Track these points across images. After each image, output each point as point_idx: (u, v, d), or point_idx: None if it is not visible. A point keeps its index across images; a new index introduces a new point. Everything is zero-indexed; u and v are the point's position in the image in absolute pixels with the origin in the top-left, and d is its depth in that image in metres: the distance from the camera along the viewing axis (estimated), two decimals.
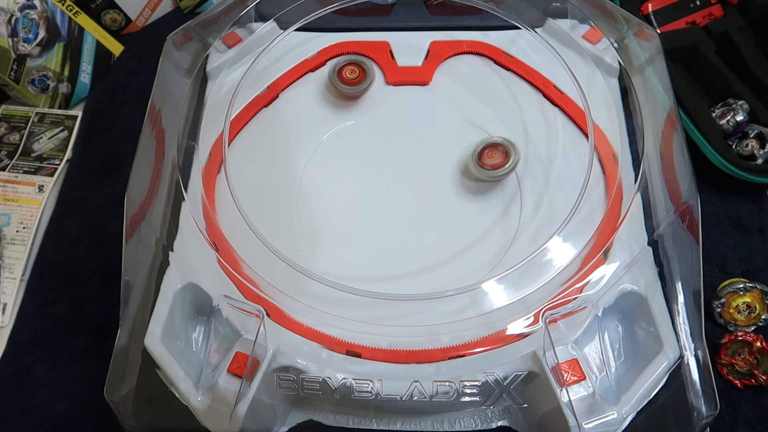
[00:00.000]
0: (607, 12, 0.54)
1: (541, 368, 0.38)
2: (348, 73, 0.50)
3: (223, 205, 0.47)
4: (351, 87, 0.50)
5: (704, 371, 0.40)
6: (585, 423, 0.37)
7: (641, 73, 0.51)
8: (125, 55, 0.72)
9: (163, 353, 0.40)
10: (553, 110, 0.51)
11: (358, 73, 0.50)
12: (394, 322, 0.41)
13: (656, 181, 0.46)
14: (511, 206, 0.47)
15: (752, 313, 0.52)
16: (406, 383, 0.39)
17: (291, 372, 0.39)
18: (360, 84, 0.50)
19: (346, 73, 0.50)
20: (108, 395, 0.41)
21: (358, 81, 0.50)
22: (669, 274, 0.42)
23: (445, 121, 0.52)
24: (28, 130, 0.67)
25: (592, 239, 0.43)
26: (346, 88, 0.50)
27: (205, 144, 0.50)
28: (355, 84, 0.50)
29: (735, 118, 0.56)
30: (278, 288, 0.42)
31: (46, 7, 0.64)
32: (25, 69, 0.64)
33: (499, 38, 0.55)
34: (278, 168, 0.50)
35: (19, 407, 0.52)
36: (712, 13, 0.65)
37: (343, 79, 0.50)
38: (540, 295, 0.41)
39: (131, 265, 0.44)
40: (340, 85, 0.50)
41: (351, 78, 0.50)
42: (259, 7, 0.55)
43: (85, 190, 0.63)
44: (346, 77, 0.50)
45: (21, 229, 0.60)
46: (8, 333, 0.56)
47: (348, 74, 0.50)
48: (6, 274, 0.58)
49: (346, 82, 0.50)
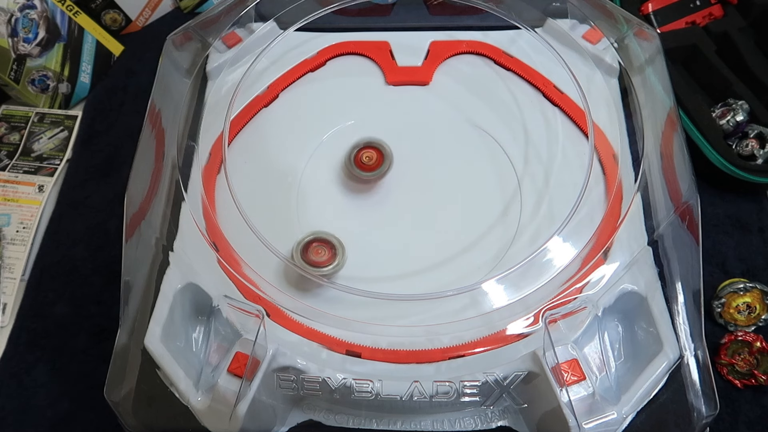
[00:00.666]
0: (607, 12, 0.54)
1: (541, 368, 0.38)
2: (365, 158, 0.46)
3: (223, 205, 0.47)
4: (368, 173, 0.47)
5: (704, 371, 0.40)
6: (585, 423, 0.37)
7: (641, 73, 0.51)
8: (125, 55, 0.72)
9: (163, 353, 0.40)
10: (553, 110, 0.51)
11: (375, 158, 0.46)
12: (394, 322, 0.41)
13: (656, 181, 0.46)
14: (511, 206, 0.47)
15: (752, 313, 0.52)
16: (406, 383, 0.39)
17: (291, 372, 0.39)
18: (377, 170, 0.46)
19: (363, 158, 0.46)
20: (108, 395, 0.41)
21: (375, 166, 0.47)
22: (669, 274, 0.42)
23: (445, 121, 0.52)
24: (28, 130, 0.67)
25: (592, 239, 0.43)
26: (364, 174, 0.47)
27: (205, 144, 0.50)
28: (373, 170, 0.46)
29: (735, 118, 0.56)
30: (278, 288, 0.42)
31: (46, 7, 0.64)
32: (25, 69, 0.64)
33: (499, 38, 0.55)
34: (278, 168, 0.50)
35: (19, 407, 0.52)
36: (712, 13, 0.64)
37: (360, 164, 0.47)
38: (540, 295, 0.41)
39: (131, 265, 0.44)
40: (357, 171, 0.47)
41: (367, 164, 0.46)
42: (259, 7, 0.55)
43: (85, 190, 0.63)
44: (363, 162, 0.47)
45: (21, 229, 0.60)
46: (8, 333, 0.55)
47: (365, 159, 0.46)
48: (6, 274, 0.58)
49: (363, 168, 0.47)
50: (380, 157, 0.47)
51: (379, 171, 0.47)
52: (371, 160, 0.47)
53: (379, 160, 0.47)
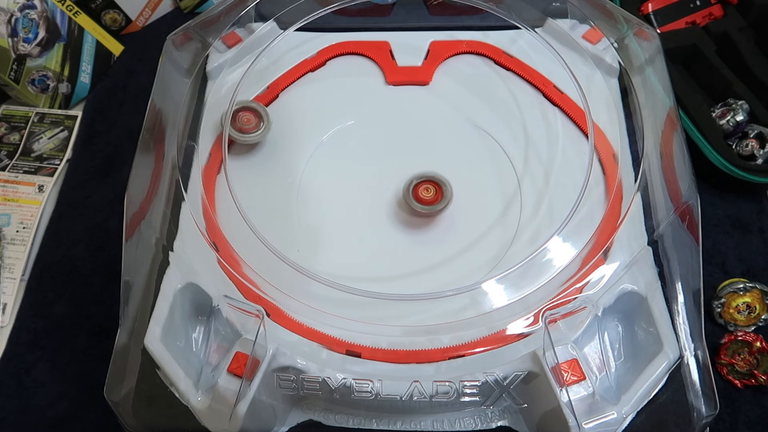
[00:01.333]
0: (607, 12, 0.54)
1: (541, 368, 0.38)
2: (423, 191, 0.46)
3: (223, 205, 0.47)
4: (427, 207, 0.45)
5: (704, 371, 0.40)
6: (585, 423, 0.37)
7: (641, 73, 0.51)
8: (125, 55, 0.72)
9: (163, 353, 0.40)
10: (553, 110, 0.51)
11: (434, 192, 0.46)
12: (394, 322, 0.42)
13: (656, 181, 0.46)
14: (511, 206, 0.47)
15: (752, 313, 0.52)
16: (406, 383, 0.39)
17: (291, 372, 0.39)
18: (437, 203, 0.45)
19: (422, 192, 0.46)
20: (108, 395, 0.41)
21: (434, 201, 0.45)
22: (669, 274, 0.42)
23: (445, 121, 0.52)
24: (28, 130, 0.67)
25: (592, 239, 0.43)
26: (422, 207, 0.46)
27: (205, 144, 0.50)
28: (432, 204, 0.45)
29: (735, 118, 0.56)
30: (278, 288, 0.42)
31: (46, 7, 0.64)
32: (25, 69, 0.64)
33: (499, 38, 0.55)
34: (278, 168, 0.50)
35: (19, 407, 0.52)
36: (712, 13, 0.65)
37: (419, 198, 0.46)
38: (540, 295, 0.41)
39: (131, 264, 0.44)
40: (416, 205, 0.46)
41: (426, 198, 0.46)
42: (259, 7, 0.55)
43: (85, 190, 0.63)
44: (421, 196, 0.46)
45: (21, 229, 0.60)
46: (8, 333, 0.55)
47: (423, 193, 0.46)
48: (6, 274, 0.58)
49: (422, 202, 0.46)
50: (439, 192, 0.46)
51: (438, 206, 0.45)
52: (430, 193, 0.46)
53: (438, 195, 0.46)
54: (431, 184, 0.46)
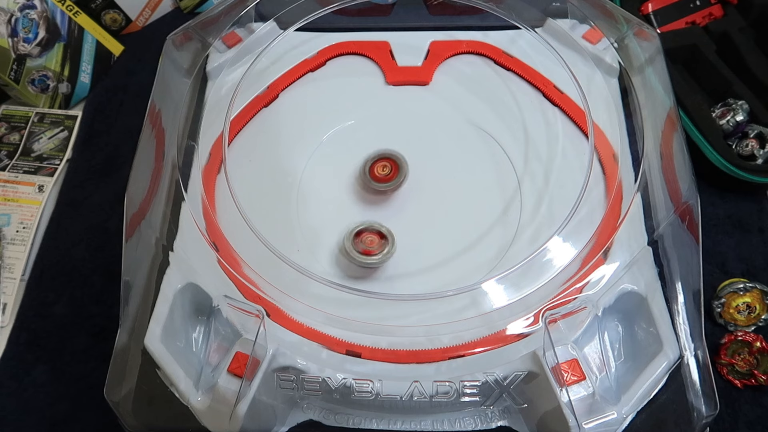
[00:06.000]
0: (607, 12, 0.54)
1: (541, 368, 0.38)
2: (380, 169, 0.47)
3: (223, 205, 0.47)
4: (383, 184, 0.47)
5: (704, 371, 0.40)
6: (585, 423, 0.37)
7: (641, 73, 0.51)
8: (125, 55, 0.72)
9: (163, 353, 0.40)
10: (553, 110, 0.51)
11: (390, 169, 0.47)
12: (394, 322, 0.42)
13: (656, 181, 0.46)
14: (511, 206, 0.47)
15: (752, 313, 0.52)
16: (406, 383, 0.39)
17: (291, 372, 0.39)
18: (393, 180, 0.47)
19: (378, 170, 0.47)
20: (108, 395, 0.41)
21: (390, 177, 0.47)
22: (669, 274, 0.42)
23: (445, 121, 0.52)
24: (28, 130, 0.67)
25: (592, 239, 0.43)
26: (378, 185, 0.47)
27: (205, 144, 0.50)
28: (388, 180, 0.47)
29: (735, 118, 0.56)
30: (278, 288, 0.42)
31: (46, 7, 0.64)
32: (25, 69, 0.64)
33: (499, 38, 0.55)
34: (278, 168, 0.50)
35: (19, 407, 0.52)
36: (712, 13, 0.65)
37: (375, 176, 0.47)
38: (540, 295, 0.41)
39: (131, 265, 0.44)
40: (372, 183, 0.47)
41: (383, 175, 0.47)
42: (259, 7, 0.55)
43: (85, 190, 0.63)
44: (377, 174, 0.47)
45: (21, 229, 0.60)
46: (8, 333, 0.55)
47: (379, 171, 0.47)
48: (6, 274, 0.58)
49: (378, 179, 0.47)
50: (396, 168, 0.47)
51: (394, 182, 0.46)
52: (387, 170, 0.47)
53: (394, 171, 0.47)
54: (388, 162, 0.47)
